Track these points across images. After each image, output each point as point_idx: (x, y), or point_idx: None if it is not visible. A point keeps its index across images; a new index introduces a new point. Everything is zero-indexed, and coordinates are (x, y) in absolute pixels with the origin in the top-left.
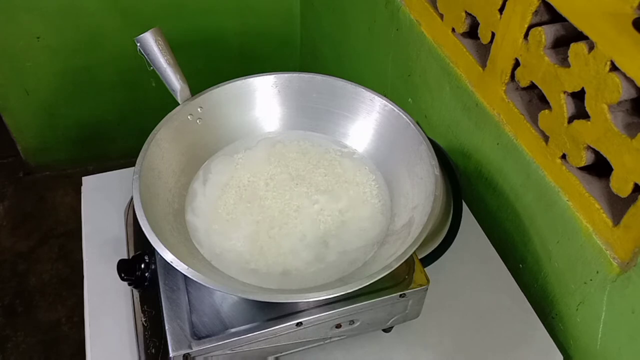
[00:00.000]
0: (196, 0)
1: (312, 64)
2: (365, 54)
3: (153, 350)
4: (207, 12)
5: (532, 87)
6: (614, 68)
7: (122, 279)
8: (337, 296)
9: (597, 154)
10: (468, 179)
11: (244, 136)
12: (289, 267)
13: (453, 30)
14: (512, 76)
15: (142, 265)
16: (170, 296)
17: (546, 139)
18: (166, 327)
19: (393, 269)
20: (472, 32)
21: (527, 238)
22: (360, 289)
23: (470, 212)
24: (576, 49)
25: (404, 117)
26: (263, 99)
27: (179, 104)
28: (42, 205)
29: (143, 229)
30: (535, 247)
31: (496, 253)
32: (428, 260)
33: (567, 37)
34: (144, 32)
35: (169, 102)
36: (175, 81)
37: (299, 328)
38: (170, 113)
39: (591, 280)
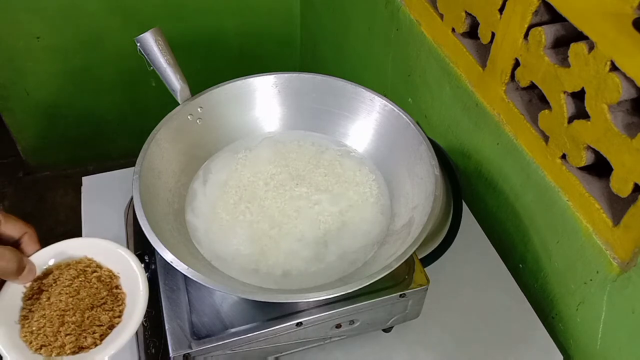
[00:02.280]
0: (196, 0)
1: (312, 64)
2: (365, 54)
3: (153, 350)
4: (207, 12)
5: (532, 87)
6: (614, 68)
7: None
8: (337, 296)
9: (597, 154)
10: (468, 179)
11: (244, 136)
12: (288, 267)
13: (453, 30)
14: (512, 76)
15: (142, 265)
16: (170, 296)
17: (546, 139)
18: (166, 327)
19: (393, 269)
20: (472, 32)
21: (527, 238)
22: (360, 289)
23: (470, 212)
24: (576, 49)
25: (404, 117)
26: (263, 99)
27: (179, 104)
28: (42, 205)
29: (143, 229)
30: (535, 247)
31: (496, 253)
32: (428, 260)
33: (567, 37)
34: (144, 32)
35: (169, 102)
36: (175, 81)
37: (299, 328)
38: (170, 113)
39: (591, 280)
